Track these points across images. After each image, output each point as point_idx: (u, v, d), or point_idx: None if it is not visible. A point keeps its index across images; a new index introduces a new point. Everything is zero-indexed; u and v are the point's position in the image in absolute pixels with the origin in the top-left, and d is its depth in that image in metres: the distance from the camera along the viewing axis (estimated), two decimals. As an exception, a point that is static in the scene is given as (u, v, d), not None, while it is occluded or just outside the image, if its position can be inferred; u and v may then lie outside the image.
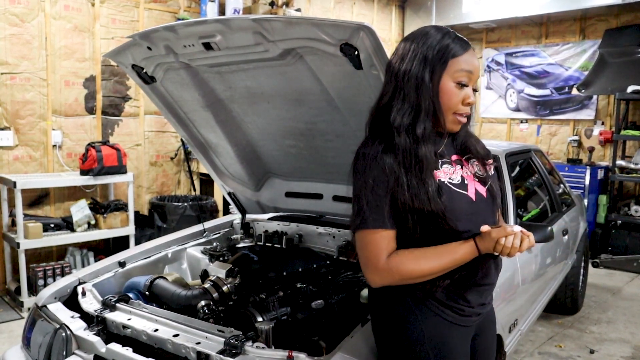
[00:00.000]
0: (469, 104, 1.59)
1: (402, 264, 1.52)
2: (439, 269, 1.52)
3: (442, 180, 1.57)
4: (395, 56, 1.60)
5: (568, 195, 4.58)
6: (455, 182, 1.60)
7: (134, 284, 2.55)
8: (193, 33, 2.13)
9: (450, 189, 1.57)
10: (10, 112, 4.72)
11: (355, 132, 2.39)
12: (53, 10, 4.90)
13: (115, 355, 1.99)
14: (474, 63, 1.58)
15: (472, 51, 1.59)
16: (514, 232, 1.47)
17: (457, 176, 1.61)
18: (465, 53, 1.56)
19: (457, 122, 1.60)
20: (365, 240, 1.56)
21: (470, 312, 1.65)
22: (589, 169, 6.80)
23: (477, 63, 1.60)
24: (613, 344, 4.10)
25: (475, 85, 1.61)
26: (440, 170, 1.59)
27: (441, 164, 1.61)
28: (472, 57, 1.58)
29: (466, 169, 1.66)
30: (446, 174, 1.60)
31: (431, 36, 1.57)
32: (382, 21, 8.36)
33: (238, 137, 2.83)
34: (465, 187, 1.61)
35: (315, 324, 2.33)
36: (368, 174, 1.55)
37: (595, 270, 6.11)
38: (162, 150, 5.89)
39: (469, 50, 1.58)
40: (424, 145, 1.53)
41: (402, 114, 1.54)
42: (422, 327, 1.60)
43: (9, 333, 4.03)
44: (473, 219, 1.57)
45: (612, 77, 6.83)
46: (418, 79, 1.53)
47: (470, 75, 1.57)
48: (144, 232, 5.32)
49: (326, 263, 2.72)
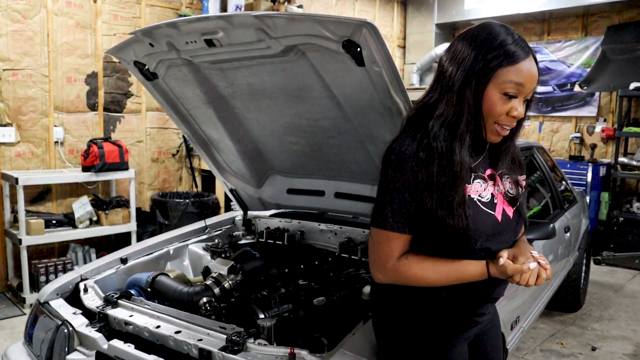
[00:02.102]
0: (514, 117, 1.46)
1: (409, 269, 1.50)
2: (444, 282, 1.49)
3: (472, 197, 1.50)
4: (447, 54, 1.50)
5: (570, 192, 4.58)
6: (484, 200, 1.53)
7: (135, 280, 2.55)
8: (195, 29, 2.12)
9: (478, 207, 1.50)
10: (12, 109, 4.73)
11: (357, 129, 2.38)
12: (55, 6, 4.90)
13: (117, 351, 2.00)
14: (525, 74, 1.43)
15: (529, 60, 1.44)
16: (530, 270, 1.40)
17: (487, 194, 1.54)
18: (518, 63, 1.42)
19: (497, 134, 1.49)
20: (380, 238, 1.52)
21: (471, 322, 1.64)
22: (591, 166, 6.79)
23: (531, 73, 1.45)
24: (615, 341, 4.10)
25: (528, 95, 1.47)
26: (472, 185, 1.52)
27: (473, 179, 1.53)
28: (525, 68, 1.43)
29: (498, 187, 1.57)
30: (477, 190, 1.52)
31: (485, 40, 1.44)
32: (384, 18, 8.35)
33: (240, 133, 2.83)
34: (494, 206, 1.54)
35: (317, 321, 2.33)
36: (398, 175, 1.46)
37: (597, 267, 6.10)
38: (164, 146, 5.89)
39: (522, 60, 1.43)
40: (460, 156, 1.44)
41: (442, 120, 1.45)
42: (421, 329, 1.60)
43: (11, 329, 4.04)
44: (494, 239, 1.52)
45: (614, 74, 6.82)
46: (462, 89, 1.44)
47: (519, 88, 1.43)
48: (145, 228, 5.33)
49: (328, 260, 2.72)
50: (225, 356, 1.79)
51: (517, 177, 1.62)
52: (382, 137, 2.24)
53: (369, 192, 2.64)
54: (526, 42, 1.48)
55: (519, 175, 1.64)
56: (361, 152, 2.52)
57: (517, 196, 1.60)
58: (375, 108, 2.15)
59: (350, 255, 2.81)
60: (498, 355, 1.85)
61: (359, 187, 2.80)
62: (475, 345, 1.75)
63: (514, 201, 1.59)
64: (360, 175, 2.73)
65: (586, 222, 4.74)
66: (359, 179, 2.77)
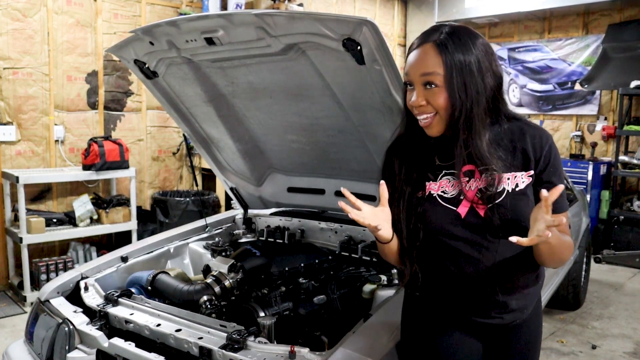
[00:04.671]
0: (412, 105, 1.48)
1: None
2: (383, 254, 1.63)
3: (432, 193, 1.54)
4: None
5: (570, 191, 4.57)
6: (447, 195, 1.52)
7: (136, 278, 2.55)
8: (195, 28, 2.12)
9: (437, 202, 1.53)
10: (13, 107, 4.73)
11: (357, 128, 2.38)
12: (55, 5, 4.90)
13: (117, 349, 2.00)
14: (409, 62, 1.47)
15: (419, 48, 1.46)
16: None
17: (454, 190, 1.52)
18: (409, 54, 1.49)
19: (424, 126, 1.50)
20: None
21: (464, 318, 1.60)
22: (591, 164, 6.78)
23: (414, 60, 1.46)
24: (615, 339, 4.10)
25: (418, 80, 1.45)
26: (438, 182, 1.54)
27: (442, 176, 1.54)
28: (411, 56, 1.47)
29: (474, 182, 1.50)
30: (442, 186, 1.54)
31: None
32: (385, 16, 8.34)
33: (240, 132, 2.83)
34: (459, 202, 1.51)
35: (318, 319, 2.33)
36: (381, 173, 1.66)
37: (598, 265, 6.10)
38: (164, 145, 5.89)
39: (412, 51, 1.48)
40: (409, 155, 1.58)
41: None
42: (418, 320, 1.66)
43: (12, 327, 4.05)
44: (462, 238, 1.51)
45: (615, 73, 6.81)
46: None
47: (406, 77, 1.49)
48: (146, 227, 5.33)
49: (328, 258, 2.72)
50: (226, 354, 1.79)
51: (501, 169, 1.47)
52: (383, 135, 2.24)
53: (369, 191, 2.64)
54: (437, 30, 1.47)
55: (521, 170, 1.51)
56: (361, 150, 2.52)
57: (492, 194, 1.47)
58: (375, 106, 2.15)
59: (350, 253, 2.81)
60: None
61: (360, 185, 2.80)
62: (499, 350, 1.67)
63: (488, 199, 1.47)
64: (360, 174, 2.73)
65: (587, 221, 4.74)
66: (360, 177, 2.77)
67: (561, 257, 1.48)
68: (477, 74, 1.44)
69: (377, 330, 1.86)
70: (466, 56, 1.43)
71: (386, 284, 2.24)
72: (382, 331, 1.84)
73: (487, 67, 1.46)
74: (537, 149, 1.51)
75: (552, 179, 1.51)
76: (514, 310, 1.59)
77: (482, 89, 1.45)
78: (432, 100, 1.45)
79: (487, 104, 1.47)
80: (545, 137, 1.53)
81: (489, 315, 1.58)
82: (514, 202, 1.48)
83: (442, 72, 1.42)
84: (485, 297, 1.56)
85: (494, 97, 1.49)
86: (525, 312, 1.62)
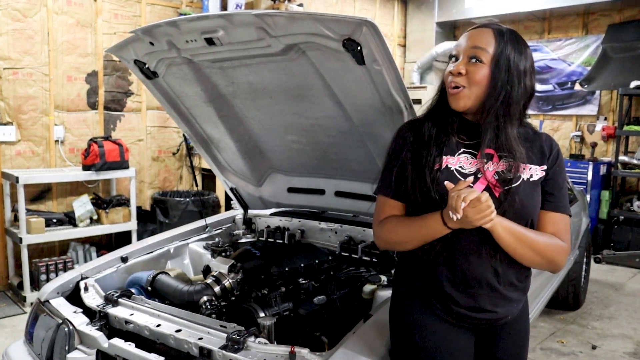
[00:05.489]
0: (451, 73, 1.57)
1: (384, 227, 1.66)
2: (410, 236, 1.58)
3: (449, 167, 1.58)
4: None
5: (570, 191, 4.57)
6: (465, 171, 1.58)
7: (136, 279, 2.55)
8: (195, 28, 2.12)
9: (453, 175, 1.57)
10: (13, 107, 4.73)
11: (357, 128, 2.38)
12: (55, 5, 4.90)
13: (117, 350, 2.00)
14: (465, 36, 1.60)
15: (477, 29, 1.60)
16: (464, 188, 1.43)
17: (471, 167, 1.58)
18: (465, 33, 1.63)
19: (452, 94, 1.58)
20: (376, 201, 1.73)
21: (461, 313, 1.62)
22: (591, 164, 6.78)
23: (470, 34, 1.60)
24: (615, 339, 4.10)
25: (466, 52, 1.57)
26: (456, 157, 1.59)
27: (461, 152, 1.60)
28: (470, 33, 1.61)
29: (492, 165, 1.57)
30: (460, 162, 1.59)
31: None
32: (385, 16, 8.34)
33: (240, 132, 2.83)
34: (475, 179, 1.56)
35: (318, 320, 2.33)
36: (390, 144, 1.71)
37: (598, 266, 6.10)
38: (164, 145, 5.89)
39: (469, 30, 1.62)
40: (430, 129, 1.62)
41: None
42: (414, 314, 1.67)
43: (11, 328, 4.04)
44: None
45: (615, 73, 6.81)
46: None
47: (457, 48, 1.60)
48: (146, 227, 5.33)
49: (328, 259, 2.72)
50: (226, 355, 1.79)
51: (521, 164, 1.55)
52: (383, 135, 2.24)
53: (369, 191, 2.63)
54: (498, 25, 1.61)
55: (536, 164, 1.62)
56: (362, 150, 2.52)
57: (510, 179, 1.55)
58: (375, 107, 2.15)
59: (350, 254, 2.81)
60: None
61: (360, 185, 2.80)
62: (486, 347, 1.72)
63: (504, 182, 1.55)
64: (360, 174, 2.73)
65: (586, 221, 4.75)
66: (360, 178, 2.77)
67: (522, 254, 1.56)
68: (521, 71, 1.55)
69: (377, 331, 1.85)
70: (516, 54, 1.55)
71: (386, 284, 2.24)
72: (382, 331, 1.84)
73: (529, 73, 1.57)
74: (549, 148, 1.66)
75: (557, 178, 1.65)
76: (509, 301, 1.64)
77: (522, 84, 1.56)
78: (471, 73, 1.55)
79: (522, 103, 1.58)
80: (554, 141, 1.70)
81: (484, 311, 1.62)
82: (526, 190, 1.58)
83: (492, 53, 1.54)
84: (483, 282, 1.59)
85: (525, 103, 1.60)
86: (516, 308, 1.68)
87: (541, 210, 1.63)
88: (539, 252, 1.57)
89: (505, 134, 1.54)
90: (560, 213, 1.64)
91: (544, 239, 1.58)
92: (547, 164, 1.64)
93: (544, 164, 1.63)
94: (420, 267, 1.65)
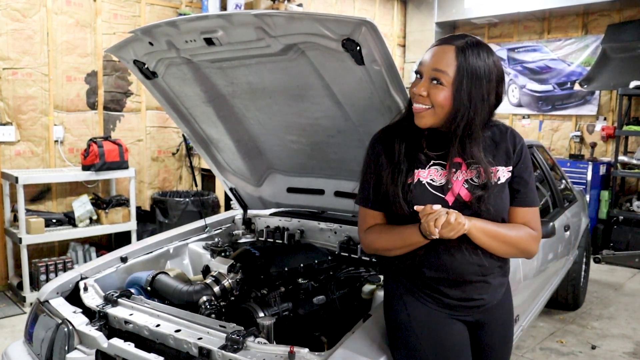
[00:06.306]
0: (414, 93, 1.61)
1: (368, 237, 1.76)
2: (393, 245, 1.68)
3: (421, 180, 1.65)
4: None
5: (570, 191, 4.58)
6: (436, 183, 1.65)
7: (135, 279, 2.55)
8: (195, 28, 2.12)
9: (426, 189, 1.64)
10: (12, 108, 4.73)
11: (357, 128, 2.38)
12: (54, 5, 4.89)
13: (117, 350, 2.00)
14: (428, 54, 1.62)
15: (439, 46, 1.60)
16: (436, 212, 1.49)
17: (442, 178, 1.65)
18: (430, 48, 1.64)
19: (416, 113, 1.63)
20: (359, 211, 1.82)
21: (452, 304, 1.72)
22: (591, 164, 6.78)
23: (432, 53, 1.61)
24: (615, 339, 4.10)
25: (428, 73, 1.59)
26: (427, 170, 1.66)
27: (431, 165, 1.66)
28: (433, 51, 1.61)
29: (460, 174, 1.65)
30: (431, 175, 1.65)
31: None
32: (384, 16, 8.34)
33: (240, 132, 2.83)
34: (446, 190, 1.64)
35: (317, 320, 2.33)
36: (365, 155, 1.80)
37: (597, 266, 6.10)
38: (163, 145, 5.89)
39: (434, 46, 1.63)
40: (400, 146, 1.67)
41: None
42: (408, 311, 1.73)
43: (11, 328, 4.04)
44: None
45: (614, 73, 6.81)
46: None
47: (419, 67, 1.62)
48: (145, 227, 5.33)
49: (328, 259, 2.72)
50: (225, 355, 1.79)
51: (490, 167, 1.63)
52: (382, 135, 2.24)
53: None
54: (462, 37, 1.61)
55: (502, 165, 1.69)
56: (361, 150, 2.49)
57: (482, 185, 1.63)
58: (375, 107, 2.15)
59: (350, 254, 2.81)
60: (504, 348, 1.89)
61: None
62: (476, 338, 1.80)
63: (477, 189, 1.63)
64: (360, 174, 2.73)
65: (586, 221, 4.74)
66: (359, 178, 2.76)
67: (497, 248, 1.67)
68: (484, 88, 1.58)
69: (376, 330, 1.86)
70: (480, 69, 1.56)
71: (386, 285, 2.24)
72: (381, 331, 1.85)
73: (493, 87, 1.60)
74: (513, 146, 1.72)
75: (522, 174, 1.72)
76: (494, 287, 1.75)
77: (485, 101, 1.59)
78: (432, 95, 1.58)
79: (486, 115, 1.62)
80: (519, 137, 1.75)
81: (472, 299, 1.72)
82: (495, 193, 1.65)
83: (452, 75, 1.55)
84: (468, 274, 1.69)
85: (490, 112, 1.65)
86: (500, 292, 1.79)
87: (511, 206, 1.72)
88: (513, 245, 1.68)
89: (470, 145, 1.61)
90: (528, 207, 1.73)
91: (515, 232, 1.69)
92: (512, 164, 1.71)
93: (510, 165, 1.71)
94: (406, 267, 1.72)
